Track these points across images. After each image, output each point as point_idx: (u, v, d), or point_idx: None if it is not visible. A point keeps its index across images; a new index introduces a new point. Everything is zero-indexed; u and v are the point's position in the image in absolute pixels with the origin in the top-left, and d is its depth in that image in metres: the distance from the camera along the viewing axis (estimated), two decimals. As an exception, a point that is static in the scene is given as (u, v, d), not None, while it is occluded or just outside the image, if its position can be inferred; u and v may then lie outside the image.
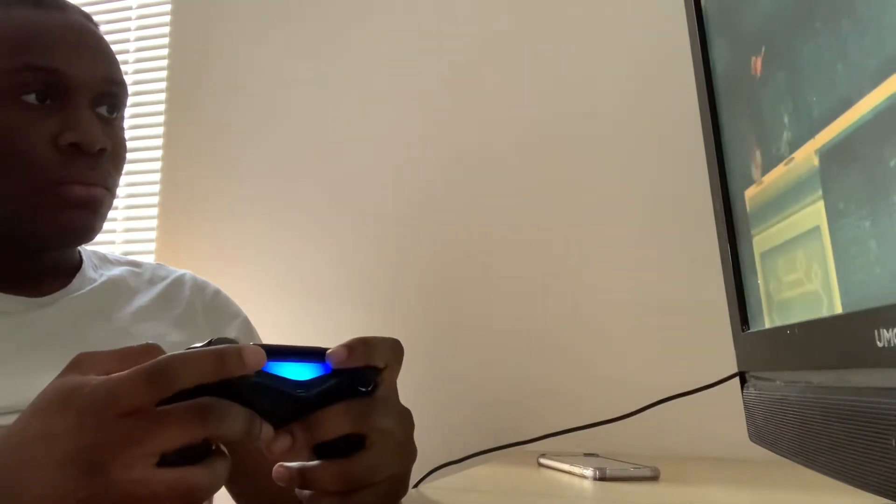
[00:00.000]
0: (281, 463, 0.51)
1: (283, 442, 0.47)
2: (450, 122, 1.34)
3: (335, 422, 0.49)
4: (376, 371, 0.51)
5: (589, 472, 0.79)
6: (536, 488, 0.76)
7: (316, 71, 1.45)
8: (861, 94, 0.38)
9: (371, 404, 0.50)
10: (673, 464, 0.92)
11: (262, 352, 0.45)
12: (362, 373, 0.50)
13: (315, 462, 0.50)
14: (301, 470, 0.50)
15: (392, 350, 0.52)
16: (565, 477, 0.82)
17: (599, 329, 1.20)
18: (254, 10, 1.52)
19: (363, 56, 1.42)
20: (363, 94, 1.41)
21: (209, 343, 0.45)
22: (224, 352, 0.44)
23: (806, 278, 0.48)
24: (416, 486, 0.83)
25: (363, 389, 0.51)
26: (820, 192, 0.44)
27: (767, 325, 0.57)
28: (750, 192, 0.59)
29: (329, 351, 0.49)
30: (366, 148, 1.39)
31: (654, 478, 0.79)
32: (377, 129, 1.38)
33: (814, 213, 0.46)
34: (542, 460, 0.92)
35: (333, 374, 0.49)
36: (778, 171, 0.52)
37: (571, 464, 0.84)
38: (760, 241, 0.57)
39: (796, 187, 0.48)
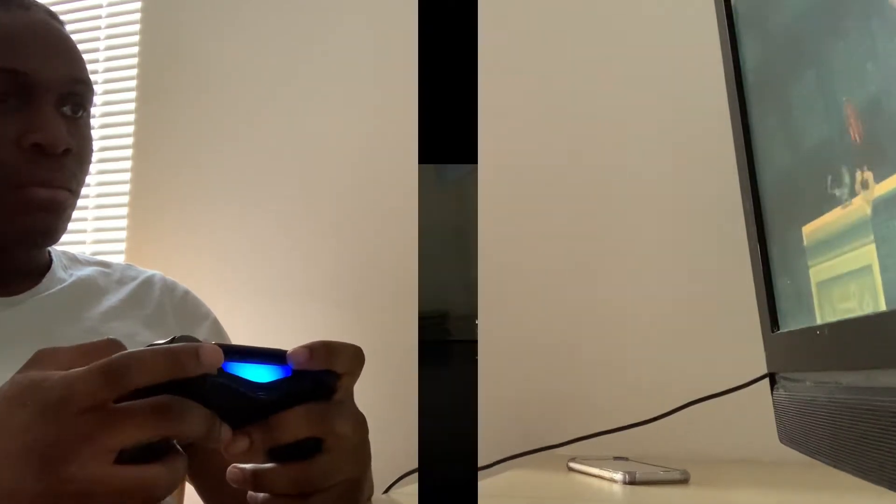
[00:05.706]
0: (235, 465, 0.51)
1: (241, 444, 0.47)
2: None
3: (295, 425, 0.48)
4: (336, 377, 0.50)
5: (619, 475, 0.79)
6: (566, 492, 0.76)
7: (287, 68, 1.44)
8: None
9: (330, 409, 0.50)
10: (703, 466, 0.91)
11: (220, 351, 0.44)
12: (322, 377, 0.50)
13: (269, 465, 0.50)
14: (254, 472, 0.50)
15: (353, 357, 0.51)
16: (595, 481, 0.82)
17: (628, 331, 1.19)
18: (224, 7, 1.51)
19: (337, 52, 1.40)
20: (335, 91, 1.39)
21: (172, 340, 0.45)
22: (179, 351, 0.43)
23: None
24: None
25: (322, 394, 0.50)
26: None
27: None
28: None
29: (290, 351, 0.49)
30: (339, 146, 1.37)
31: (684, 481, 0.79)
32: (351, 126, 1.37)
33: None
34: (572, 464, 0.92)
35: (294, 378, 0.48)
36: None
37: (601, 468, 0.84)
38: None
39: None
